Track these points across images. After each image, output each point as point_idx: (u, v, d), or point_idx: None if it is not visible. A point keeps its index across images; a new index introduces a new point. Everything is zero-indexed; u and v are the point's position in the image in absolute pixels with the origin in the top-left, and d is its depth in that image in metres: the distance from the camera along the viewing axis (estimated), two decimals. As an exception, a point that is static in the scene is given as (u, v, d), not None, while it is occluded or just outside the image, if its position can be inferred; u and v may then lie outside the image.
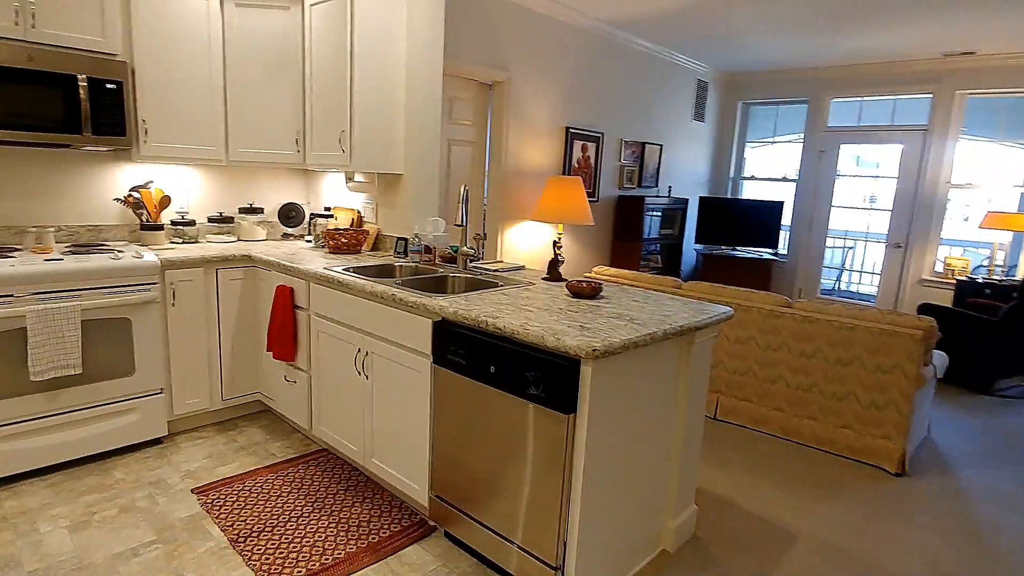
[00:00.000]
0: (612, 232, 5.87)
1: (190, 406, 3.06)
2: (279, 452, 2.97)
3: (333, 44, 3.05)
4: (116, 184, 3.24)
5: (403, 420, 2.35)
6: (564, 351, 1.69)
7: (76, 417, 2.68)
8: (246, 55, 3.24)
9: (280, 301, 2.91)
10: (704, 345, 2.20)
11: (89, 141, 2.78)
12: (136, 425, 2.86)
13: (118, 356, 2.76)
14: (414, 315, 2.22)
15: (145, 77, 2.96)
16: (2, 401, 2.48)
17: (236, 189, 3.71)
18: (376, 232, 3.45)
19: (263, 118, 3.32)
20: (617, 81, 5.48)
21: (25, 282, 2.47)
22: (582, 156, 5.27)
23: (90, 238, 3.19)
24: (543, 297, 2.29)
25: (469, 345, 1.99)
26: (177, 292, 2.93)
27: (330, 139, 3.15)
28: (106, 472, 2.70)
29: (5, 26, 2.54)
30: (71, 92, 2.69)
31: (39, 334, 2.49)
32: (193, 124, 3.15)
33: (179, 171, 3.46)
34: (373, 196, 3.50)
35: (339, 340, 2.63)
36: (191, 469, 2.76)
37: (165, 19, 2.99)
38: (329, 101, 3.13)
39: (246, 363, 3.24)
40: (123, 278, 2.72)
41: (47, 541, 2.21)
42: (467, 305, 2.09)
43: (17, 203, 2.96)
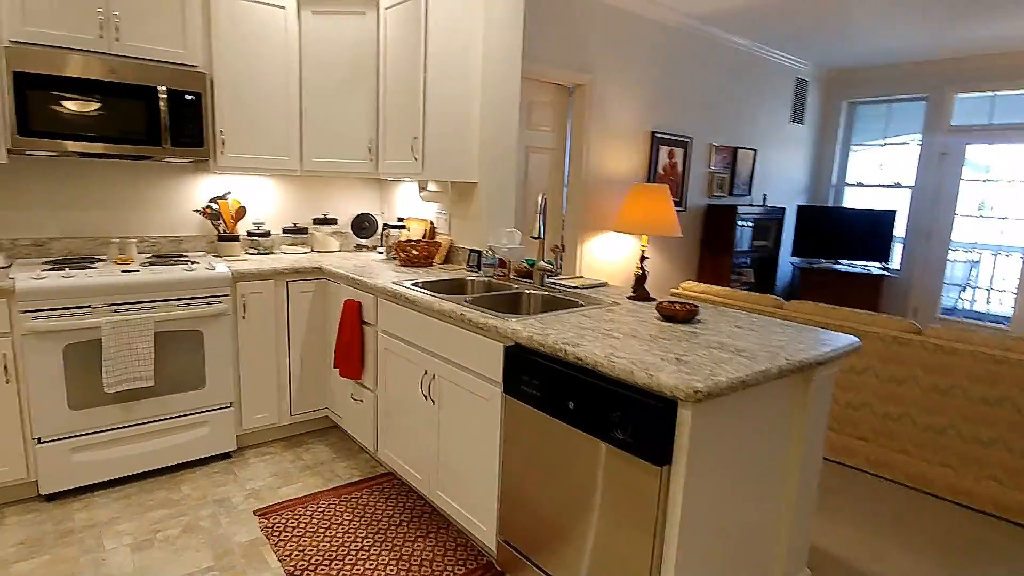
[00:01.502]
0: (700, 244, 5.46)
1: (258, 421, 2.99)
2: (344, 473, 2.84)
3: (407, 48, 2.92)
4: (196, 195, 3.26)
5: (470, 453, 2.13)
6: (658, 390, 1.41)
7: (148, 429, 2.66)
8: (321, 63, 3.18)
9: (348, 316, 2.78)
10: (825, 383, 1.85)
11: (168, 152, 2.78)
12: (206, 439, 2.82)
13: (189, 369, 2.72)
14: (484, 338, 2.01)
15: (223, 88, 2.94)
16: (79, 412, 2.48)
17: (311, 199, 3.67)
18: (449, 244, 3.28)
19: (337, 126, 3.24)
20: (707, 82, 5.10)
21: (101, 293, 2.47)
22: (668, 162, 4.92)
23: (171, 249, 3.21)
24: (630, 320, 2.01)
25: (545, 375, 1.74)
26: (248, 304, 2.88)
27: (402, 147, 3.01)
28: (175, 486, 2.66)
29: (90, 39, 2.57)
30: (152, 104, 2.70)
31: (113, 346, 2.47)
32: (268, 134, 3.11)
33: (255, 181, 3.45)
34: (446, 206, 3.34)
35: (406, 360, 2.46)
36: (255, 488, 2.67)
37: (244, 29, 2.96)
38: (402, 108, 3.00)
39: (315, 378, 3.15)
40: (195, 290, 2.68)
41: (109, 560, 2.15)
42: (543, 329, 1.85)
43: (103, 214, 3.01)
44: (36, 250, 2.87)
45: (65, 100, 2.51)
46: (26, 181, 2.80)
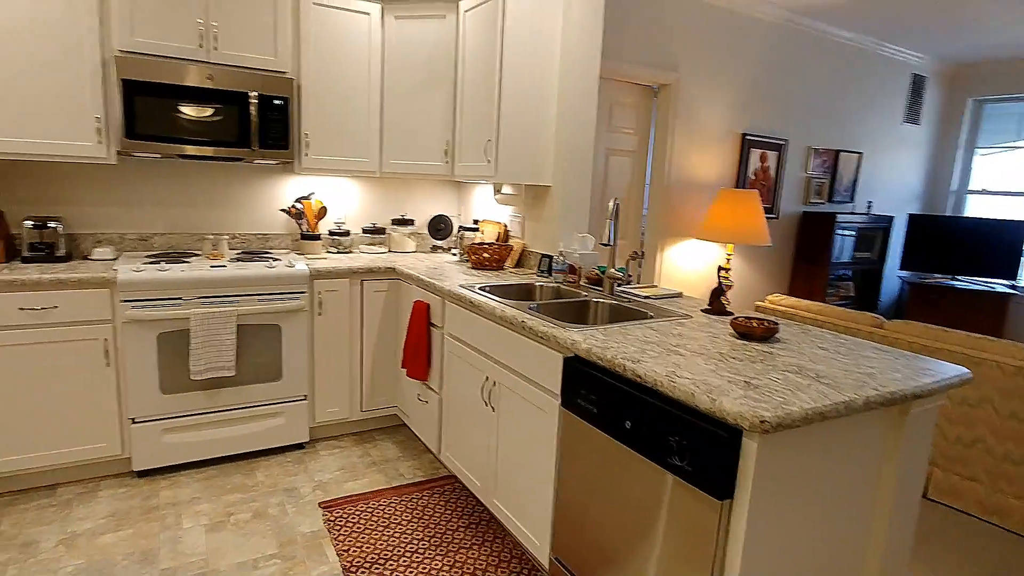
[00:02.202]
0: (793, 254, 5.10)
1: (331, 415, 3.09)
2: (408, 473, 2.86)
3: (483, 50, 2.90)
4: (282, 195, 3.41)
5: (526, 464, 2.07)
6: (720, 417, 1.29)
7: (229, 416, 2.81)
8: (402, 66, 3.24)
9: (416, 317, 2.81)
10: (925, 417, 1.63)
11: (257, 155, 2.92)
12: (281, 429, 2.94)
13: (268, 361, 2.85)
14: (544, 347, 1.94)
15: (309, 92, 3.06)
16: (169, 396, 2.66)
17: (390, 200, 3.75)
18: (521, 248, 3.24)
19: (415, 129, 3.29)
20: (807, 80, 4.75)
21: (191, 286, 2.63)
22: (760, 166, 4.63)
23: (259, 246, 3.39)
24: (700, 336, 1.88)
25: (602, 391, 1.66)
26: (324, 301, 2.97)
27: (476, 149, 3.01)
28: (250, 472, 2.79)
29: (191, 48, 2.74)
30: (244, 109, 2.85)
31: (200, 336, 2.63)
32: (350, 136, 3.21)
33: (337, 182, 3.57)
34: (520, 209, 3.30)
35: (468, 364, 2.44)
36: (323, 480, 2.75)
37: (330, 36, 3.07)
38: (477, 110, 2.99)
39: (386, 376, 3.21)
40: (275, 286, 2.80)
41: (185, 539, 2.28)
42: (604, 341, 1.76)
43: (200, 211, 3.22)
44: (141, 244, 3.11)
45: (167, 105, 2.69)
46: (133, 181, 3.05)
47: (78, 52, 2.55)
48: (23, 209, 2.83)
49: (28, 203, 2.85)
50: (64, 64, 2.54)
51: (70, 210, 2.94)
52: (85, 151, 2.63)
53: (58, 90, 2.54)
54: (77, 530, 2.30)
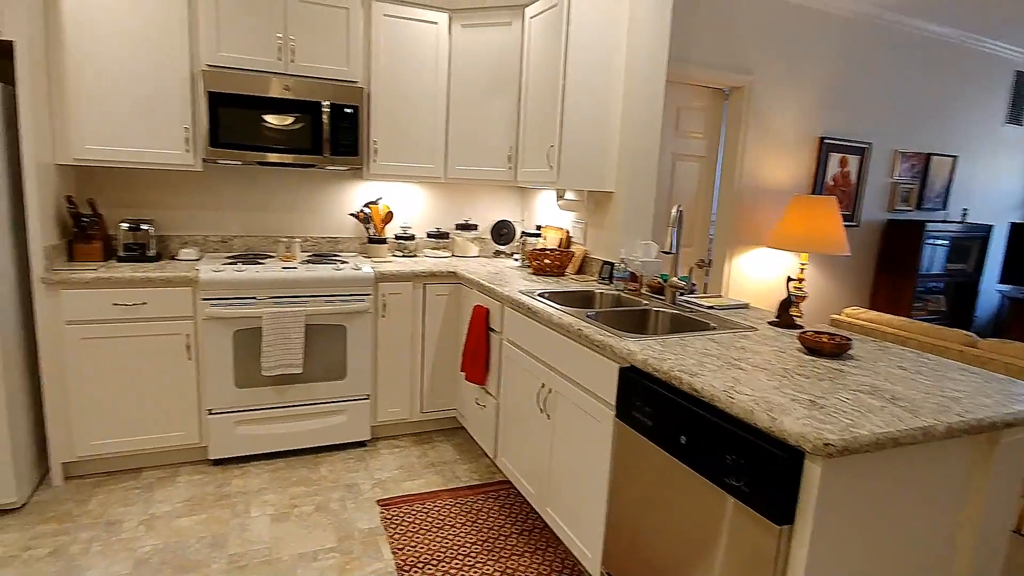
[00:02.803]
0: (875, 264, 4.80)
1: (391, 415, 3.16)
2: (464, 476, 2.89)
3: (547, 56, 2.90)
4: (351, 200, 3.54)
5: (580, 474, 2.05)
6: (780, 437, 1.23)
7: (296, 412, 2.93)
8: (467, 74, 3.29)
9: (476, 322, 2.83)
10: (1018, 447, 1.49)
11: (328, 161, 3.04)
12: (344, 426, 3.03)
13: (333, 360, 2.95)
14: (599, 356, 1.91)
15: (378, 101, 3.16)
16: (242, 390, 2.81)
17: (455, 205, 3.81)
18: (583, 254, 3.21)
19: (479, 135, 3.33)
20: (894, 80, 4.46)
21: (264, 287, 2.77)
22: (840, 171, 4.38)
23: (329, 249, 3.52)
24: (764, 349, 1.79)
25: (657, 403, 1.61)
26: (388, 304, 3.05)
27: (539, 155, 3.01)
28: (315, 467, 2.90)
29: (270, 61, 2.89)
30: (316, 117, 2.97)
31: (271, 334, 2.76)
32: (416, 143, 3.28)
33: (404, 188, 3.66)
34: (582, 215, 3.27)
35: (525, 370, 2.44)
36: (382, 478, 2.82)
37: (399, 46, 3.16)
38: (540, 115, 2.99)
39: (446, 379, 3.26)
40: (341, 288, 2.91)
41: (252, 527, 2.39)
42: (661, 352, 1.71)
43: (275, 215, 3.38)
44: (222, 246, 3.30)
45: (248, 115, 2.85)
46: (217, 186, 3.24)
47: (170, 68, 2.75)
48: (120, 212, 3.07)
49: (124, 207, 3.08)
50: (157, 80, 2.74)
51: (160, 213, 3.16)
52: (175, 159, 2.82)
53: (152, 104, 2.75)
54: (156, 512, 2.46)
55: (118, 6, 2.63)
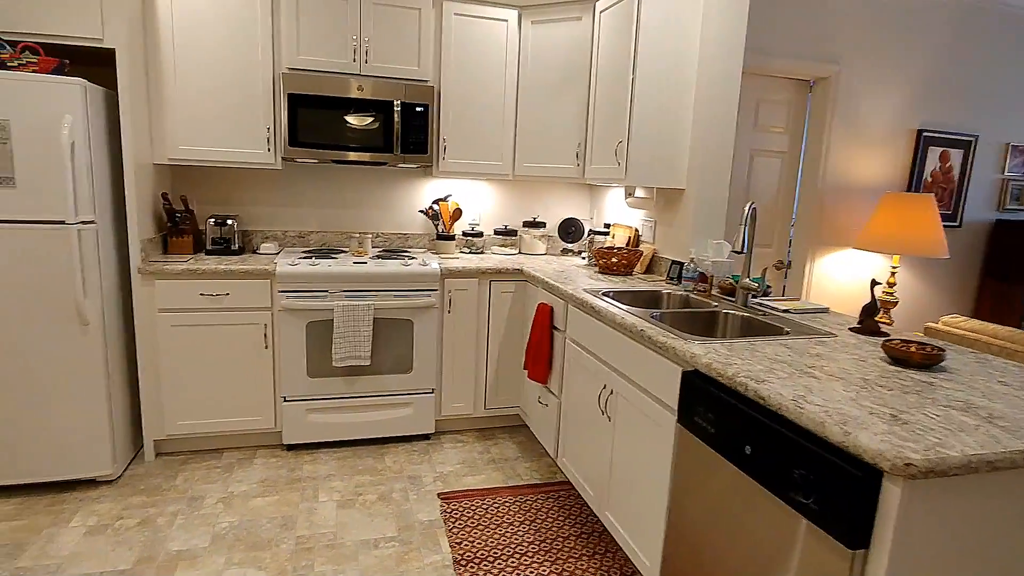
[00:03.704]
0: (981, 268, 4.39)
1: (455, 409, 3.20)
2: (525, 474, 2.88)
3: (617, 50, 2.84)
4: (421, 197, 3.61)
5: (640, 480, 1.99)
6: (855, 453, 1.14)
7: (364, 403, 3.02)
8: (536, 70, 3.27)
9: (540, 320, 2.82)
10: None
11: (399, 159, 3.11)
12: (409, 419, 3.10)
13: (400, 354, 3.02)
14: (662, 358, 1.85)
15: (448, 98, 3.20)
16: (314, 379, 2.92)
17: (523, 202, 3.81)
18: (651, 253, 3.13)
19: (548, 132, 3.30)
20: (1003, 67, 4.06)
21: (336, 280, 2.87)
22: (940, 167, 4.04)
23: (398, 244, 3.61)
24: (843, 358, 1.67)
25: (720, 410, 1.54)
26: (454, 300, 3.09)
27: (607, 151, 2.95)
28: (380, 457, 2.98)
29: (345, 63, 2.99)
30: (388, 116, 3.05)
31: (341, 326, 2.85)
32: (485, 140, 3.30)
33: (473, 185, 3.69)
34: (652, 213, 3.18)
35: (587, 371, 2.40)
36: (443, 472, 2.86)
37: (469, 44, 3.18)
38: (609, 111, 2.93)
39: (509, 376, 3.26)
40: (409, 283, 2.97)
41: (319, 511, 2.49)
42: (727, 356, 1.63)
43: (349, 211, 3.50)
44: (299, 241, 3.45)
45: (324, 115, 2.96)
46: (295, 184, 3.39)
47: (254, 73, 2.90)
48: (208, 208, 3.28)
49: (212, 203, 3.28)
50: (243, 84, 2.89)
51: (244, 209, 3.34)
52: (257, 158, 2.98)
53: (237, 106, 2.91)
54: (234, 491, 2.60)
55: (208, 15, 2.80)
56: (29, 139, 2.27)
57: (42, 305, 2.38)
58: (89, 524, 2.33)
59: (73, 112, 2.30)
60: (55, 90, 2.27)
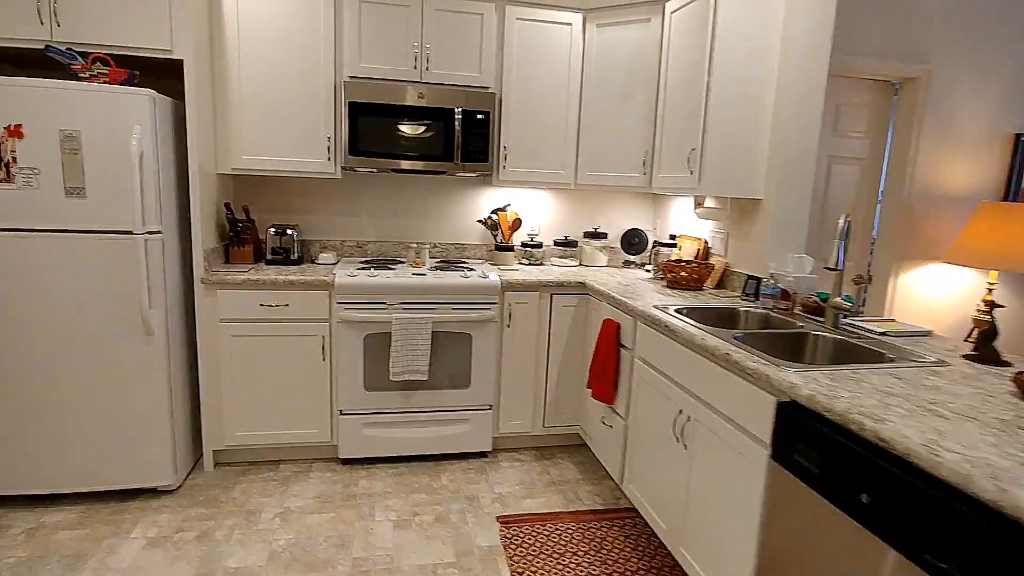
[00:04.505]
0: (1087, 285, 3.98)
1: (513, 427, 3.09)
2: (586, 498, 2.74)
3: (690, 52, 2.68)
4: (479, 206, 3.52)
5: (723, 518, 1.82)
6: (1015, 515, 0.96)
7: (421, 418, 2.94)
8: (600, 76, 3.14)
9: (605, 336, 2.68)
10: None
11: (459, 168, 3.03)
12: (466, 436, 3.00)
13: (458, 369, 2.93)
14: (752, 386, 1.68)
15: (509, 106, 3.11)
16: (371, 393, 2.86)
17: (583, 212, 3.68)
18: (723, 267, 2.94)
19: (611, 140, 3.17)
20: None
21: (394, 292, 2.80)
22: (1042, 174, 3.69)
23: (456, 255, 3.53)
24: (966, 392, 1.47)
25: (828, 450, 1.36)
26: (513, 313, 2.98)
27: (678, 160, 2.79)
28: (436, 475, 2.89)
29: (406, 71, 2.94)
30: (449, 124, 2.98)
31: (399, 340, 2.79)
32: (546, 148, 3.19)
33: (532, 194, 3.58)
34: (724, 225, 3.00)
35: (660, 394, 2.25)
36: (502, 493, 2.74)
37: (531, 49, 3.09)
38: (680, 117, 2.77)
39: (569, 394, 3.13)
40: (468, 296, 2.87)
41: (376, 531, 2.41)
42: (832, 387, 1.46)
43: (406, 221, 3.45)
44: (357, 250, 3.42)
45: (384, 124, 2.91)
46: (354, 193, 3.36)
47: (315, 81, 2.88)
48: (268, 217, 3.28)
49: (271, 212, 3.29)
50: (305, 93, 2.88)
51: (303, 219, 3.33)
52: (317, 167, 2.95)
53: (299, 116, 2.89)
54: (291, 506, 2.56)
55: (272, 25, 2.80)
56: (99, 150, 2.29)
57: (109, 314, 2.39)
58: (149, 536, 2.31)
59: (141, 122, 2.31)
60: (124, 101, 2.29)
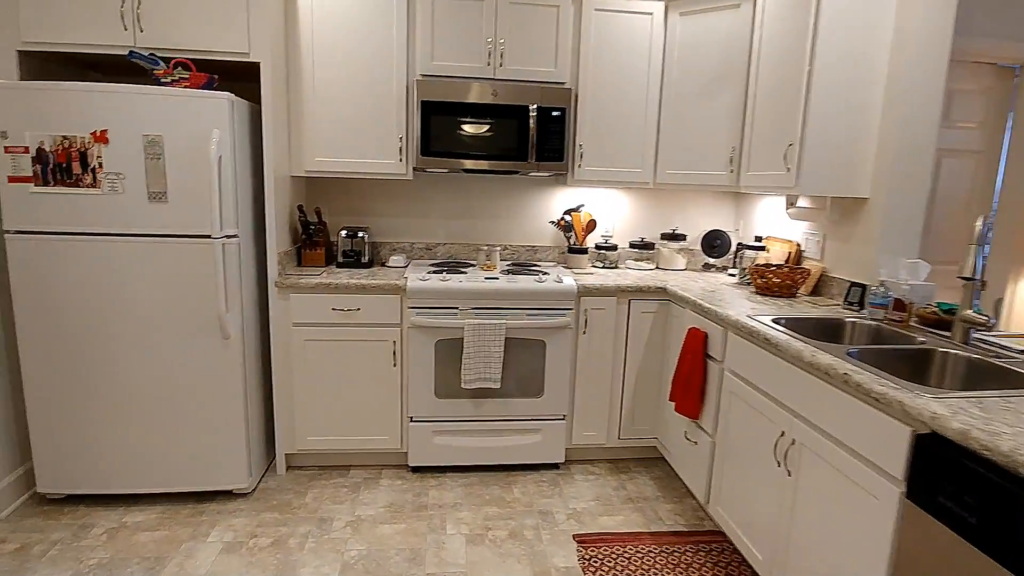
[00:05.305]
0: None
1: (587, 438, 2.95)
2: (667, 518, 2.57)
3: (788, 37, 2.46)
4: (552, 207, 3.39)
5: (837, 557, 1.62)
6: None
7: (492, 427, 2.84)
8: (684, 67, 2.95)
9: (690, 346, 2.49)
10: None
11: (533, 167, 2.91)
12: (538, 446, 2.88)
13: (531, 377, 2.81)
14: (878, 412, 1.48)
15: (586, 101, 2.96)
16: (442, 400, 2.79)
17: (660, 213, 3.49)
18: (819, 272, 2.70)
19: (694, 136, 2.97)
20: None
21: (467, 297, 2.71)
22: None
23: (528, 257, 3.42)
24: None
25: (991, 496, 1.16)
26: (589, 320, 2.84)
27: (771, 155, 2.57)
28: (507, 486, 2.78)
29: (479, 67, 2.84)
30: (523, 122, 2.86)
31: (471, 346, 2.69)
32: (624, 146, 3.03)
33: (606, 194, 3.42)
34: (820, 226, 2.75)
35: (756, 411, 2.05)
36: (577, 509, 2.61)
37: (609, 42, 2.93)
38: (774, 110, 2.55)
39: (646, 405, 2.96)
40: (543, 301, 2.75)
41: (448, 546, 2.32)
42: (987, 421, 1.25)
43: (477, 223, 3.36)
44: (427, 253, 3.35)
45: (456, 123, 2.82)
46: (424, 194, 3.30)
47: (387, 81, 2.82)
48: (339, 220, 3.26)
49: (342, 214, 3.26)
50: (377, 93, 2.82)
51: (373, 221, 3.29)
52: (389, 168, 2.90)
53: (371, 116, 2.84)
54: (362, 515, 2.51)
55: (345, 26, 2.76)
56: (179, 154, 2.29)
57: (187, 318, 2.41)
58: (225, 540, 2.31)
59: (220, 126, 2.30)
60: (204, 105, 2.28)
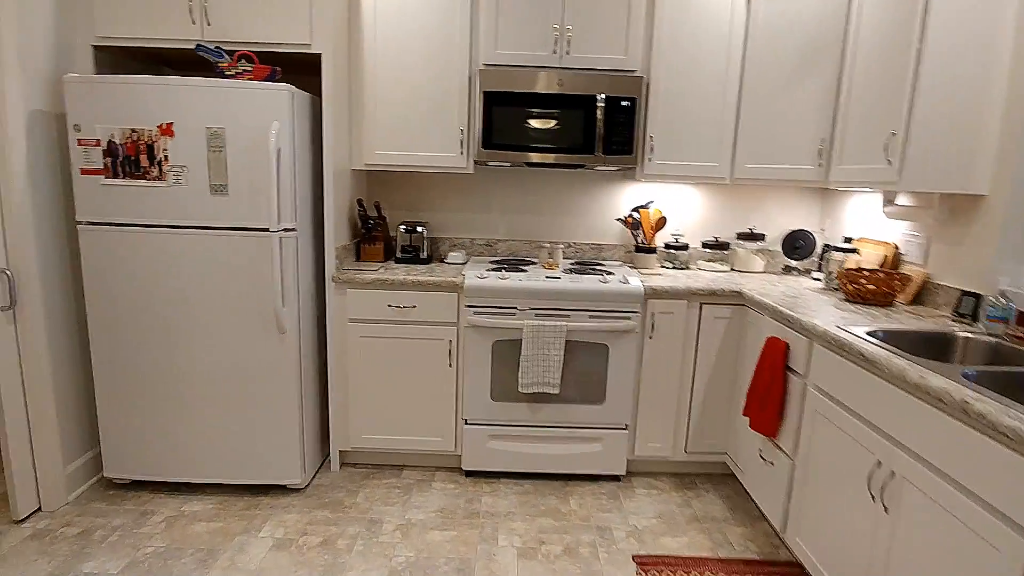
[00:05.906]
0: None
1: (651, 450, 2.76)
2: (737, 542, 2.35)
3: (892, 12, 2.18)
4: (619, 203, 3.21)
5: (948, 612, 1.38)
6: None
7: (549, 434, 2.71)
8: (767, 52, 2.70)
9: (769, 358, 2.27)
10: None
11: (600, 160, 2.75)
12: (598, 456, 2.72)
13: (591, 383, 2.66)
14: (1003, 448, 1.24)
15: (658, 91, 2.76)
16: (497, 403, 2.68)
17: (736, 211, 3.24)
18: (922, 279, 2.40)
19: (778, 127, 2.72)
20: None
21: (526, 296, 2.58)
22: None
23: (592, 256, 3.25)
24: None
25: None
26: (656, 324, 2.65)
27: (870, 147, 2.30)
28: (564, 497, 2.64)
29: (544, 55, 2.70)
30: (590, 113, 2.70)
31: (530, 349, 2.57)
32: (698, 138, 2.81)
33: (677, 190, 3.21)
34: (924, 226, 2.45)
35: (845, 435, 1.82)
36: (638, 526, 2.43)
37: (685, 26, 2.72)
38: (874, 95, 2.28)
39: (716, 417, 2.74)
40: (607, 303, 2.59)
41: (499, 558, 2.21)
42: None
43: (539, 219, 3.22)
44: (487, 249, 3.25)
45: (518, 114, 2.69)
46: (484, 188, 3.19)
47: (450, 72, 2.73)
48: (398, 214, 3.21)
49: (402, 209, 3.21)
50: (439, 85, 2.74)
51: (432, 215, 3.22)
52: (449, 161, 2.81)
53: (432, 109, 2.76)
54: (412, 519, 2.43)
55: (408, 16, 2.68)
56: (240, 147, 2.28)
57: (245, 312, 2.40)
58: (276, 536, 2.29)
59: (280, 118, 2.27)
60: (265, 97, 2.26)
